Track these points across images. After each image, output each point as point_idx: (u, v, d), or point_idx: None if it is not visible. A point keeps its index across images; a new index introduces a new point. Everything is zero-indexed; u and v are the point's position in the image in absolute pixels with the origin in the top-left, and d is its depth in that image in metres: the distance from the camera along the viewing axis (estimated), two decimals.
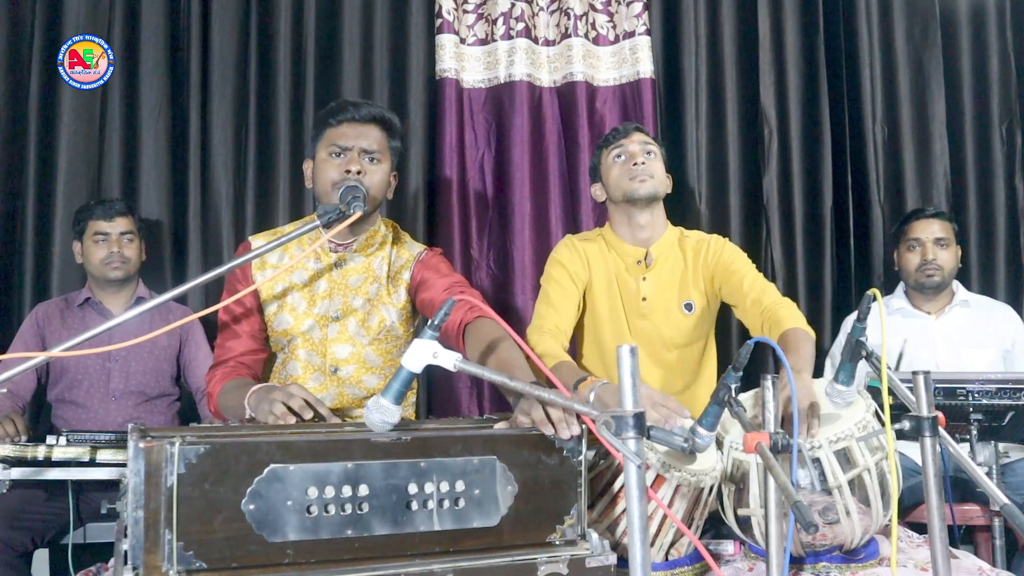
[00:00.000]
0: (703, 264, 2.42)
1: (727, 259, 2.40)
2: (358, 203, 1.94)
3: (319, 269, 2.14)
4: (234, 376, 2.04)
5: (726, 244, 2.45)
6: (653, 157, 2.42)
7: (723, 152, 3.33)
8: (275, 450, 1.35)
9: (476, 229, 3.20)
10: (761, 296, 2.26)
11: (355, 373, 2.12)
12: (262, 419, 1.74)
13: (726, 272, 2.37)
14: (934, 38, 3.43)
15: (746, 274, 2.35)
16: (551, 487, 1.49)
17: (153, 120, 3.07)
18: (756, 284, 2.31)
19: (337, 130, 2.07)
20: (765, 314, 2.20)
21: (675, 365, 2.41)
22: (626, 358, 1.29)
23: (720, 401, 1.55)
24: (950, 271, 2.94)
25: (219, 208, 3.10)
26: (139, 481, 1.29)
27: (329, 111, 2.12)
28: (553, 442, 1.49)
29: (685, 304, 2.41)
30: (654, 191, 2.39)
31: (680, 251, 2.45)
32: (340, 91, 3.13)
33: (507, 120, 3.21)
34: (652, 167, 2.40)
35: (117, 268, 2.81)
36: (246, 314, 2.12)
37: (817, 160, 3.36)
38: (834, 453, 1.70)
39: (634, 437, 1.25)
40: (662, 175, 2.43)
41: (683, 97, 3.31)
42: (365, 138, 2.07)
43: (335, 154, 2.06)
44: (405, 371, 1.44)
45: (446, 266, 2.19)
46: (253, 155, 3.11)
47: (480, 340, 1.85)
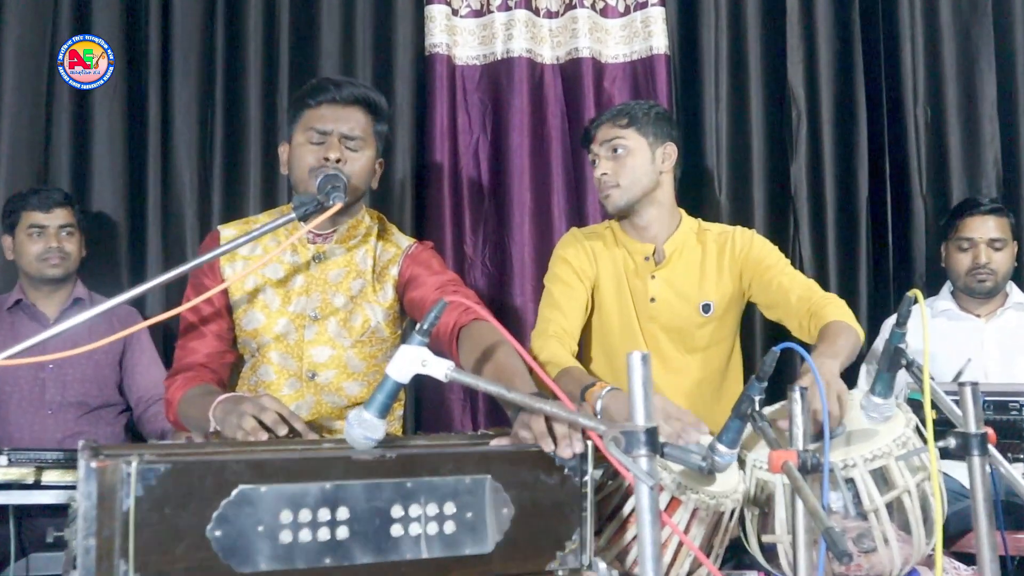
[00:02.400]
0: (729, 259, 2.42)
1: (758, 253, 2.40)
2: (338, 193, 1.94)
3: (296, 263, 2.14)
4: (197, 382, 2.04)
5: (755, 236, 2.45)
6: (622, 154, 2.38)
7: (746, 137, 3.32)
8: (245, 469, 1.34)
9: (470, 223, 3.20)
10: (806, 293, 2.26)
11: (335, 379, 2.12)
12: (229, 434, 1.74)
13: (758, 268, 2.37)
14: (984, 8, 3.43)
15: (783, 269, 2.35)
16: (552, 510, 1.49)
17: (107, 99, 3.06)
18: (798, 279, 2.32)
19: (316, 112, 2.08)
20: (811, 311, 2.20)
21: (692, 374, 2.42)
22: (637, 366, 1.29)
23: (742, 415, 1.55)
24: (1004, 274, 2.93)
25: (181, 199, 3.10)
26: (91, 505, 1.28)
27: (307, 90, 2.12)
28: (553, 459, 1.48)
29: (702, 305, 2.41)
30: (624, 203, 2.38)
31: (699, 245, 2.45)
32: (318, 68, 3.13)
33: (505, 101, 3.21)
34: (618, 172, 2.38)
35: (56, 265, 2.80)
36: (214, 313, 2.12)
37: (851, 146, 3.36)
38: (870, 473, 1.70)
39: (646, 455, 1.25)
40: (637, 171, 2.38)
41: (701, 76, 3.31)
42: (347, 121, 2.07)
43: (313, 139, 2.06)
44: (391, 381, 1.44)
45: (438, 262, 2.20)
46: (220, 139, 3.11)
47: (475, 346, 1.85)
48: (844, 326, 2.08)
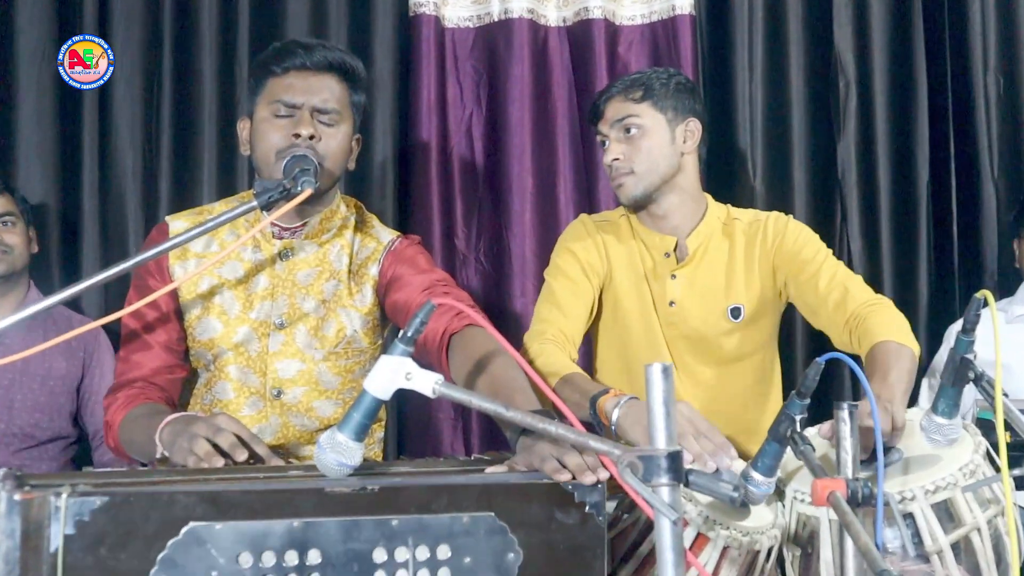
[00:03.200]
0: (760, 252, 2.40)
1: (792, 243, 2.37)
2: (308, 178, 1.93)
3: (258, 261, 2.14)
4: (141, 401, 2.04)
5: (790, 223, 2.43)
6: (636, 133, 2.37)
7: (785, 111, 3.32)
8: (196, 503, 1.34)
9: (462, 212, 3.20)
10: (845, 297, 2.22)
11: (304, 398, 2.12)
12: (179, 461, 1.73)
13: (793, 262, 2.35)
14: None
15: (822, 264, 2.32)
16: (569, 555, 1.47)
17: (34, 69, 3.06)
18: (837, 279, 2.28)
19: (283, 81, 2.08)
20: (852, 322, 2.16)
21: (721, 390, 2.41)
22: (657, 380, 1.29)
23: (781, 437, 1.54)
24: None
25: (123, 185, 3.09)
26: (13, 545, 1.28)
27: (272, 55, 2.12)
28: (572, 494, 1.47)
29: (731, 308, 2.40)
30: (640, 191, 2.38)
31: (726, 238, 2.44)
32: (283, 32, 3.13)
33: (502, 69, 3.21)
34: (632, 156, 2.37)
35: None
36: (160, 318, 2.12)
37: (909, 121, 3.36)
38: (932, 507, 1.71)
39: (668, 484, 1.25)
40: (654, 153, 2.37)
41: (732, 39, 3.31)
42: (319, 92, 2.07)
43: (280, 112, 2.06)
44: (369, 398, 1.44)
45: (425, 259, 2.20)
46: (168, 115, 3.10)
47: (468, 356, 1.85)
48: (894, 348, 2.02)
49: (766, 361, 2.47)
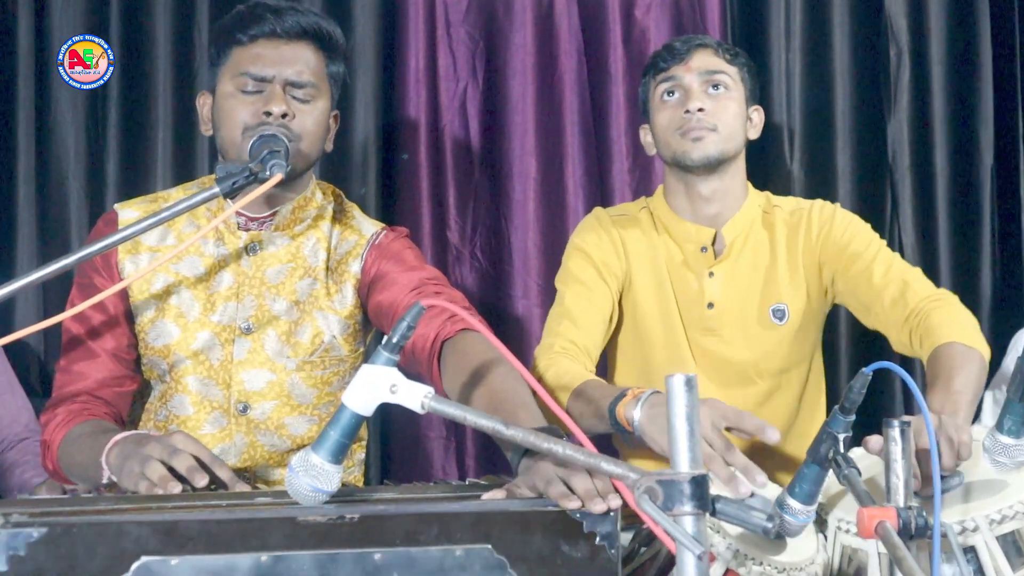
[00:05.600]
0: (804, 246, 2.43)
1: (841, 234, 2.40)
2: (278, 161, 1.94)
3: (221, 256, 2.14)
4: (85, 417, 2.03)
5: (836, 212, 2.46)
6: (723, 93, 2.42)
7: (827, 85, 3.33)
8: (149, 535, 1.34)
9: (455, 200, 3.21)
10: (904, 293, 2.25)
11: (274, 413, 2.13)
12: (129, 487, 1.73)
13: (842, 255, 2.38)
14: None
15: (875, 256, 2.35)
16: None
17: None
18: (894, 271, 2.31)
19: (250, 51, 2.08)
20: (913, 320, 2.19)
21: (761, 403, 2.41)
22: (679, 393, 1.28)
23: (822, 459, 1.54)
24: None
25: (64, 167, 3.11)
26: None
27: (236, 20, 2.13)
28: (580, 524, 1.47)
29: (773, 310, 2.41)
30: (718, 153, 2.39)
31: (767, 229, 2.46)
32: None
33: (501, 37, 3.22)
34: (717, 112, 2.40)
35: None
36: (107, 322, 2.12)
37: (971, 96, 3.36)
38: (998, 539, 1.70)
39: (692, 512, 1.25)
40: (736, 120, 2.43)
41: (767, 2, 3.31)
42: (292, 63, 2.08)
43: (248, 87, 2.07)
44: (349, 413, 1.44)
45: (414, 254, 2.21)
46: (117, 87, 3.11)
47: (463, 365, 1.86)
48: (960, 352, 2.05)
49: (807, 371, 2.49)
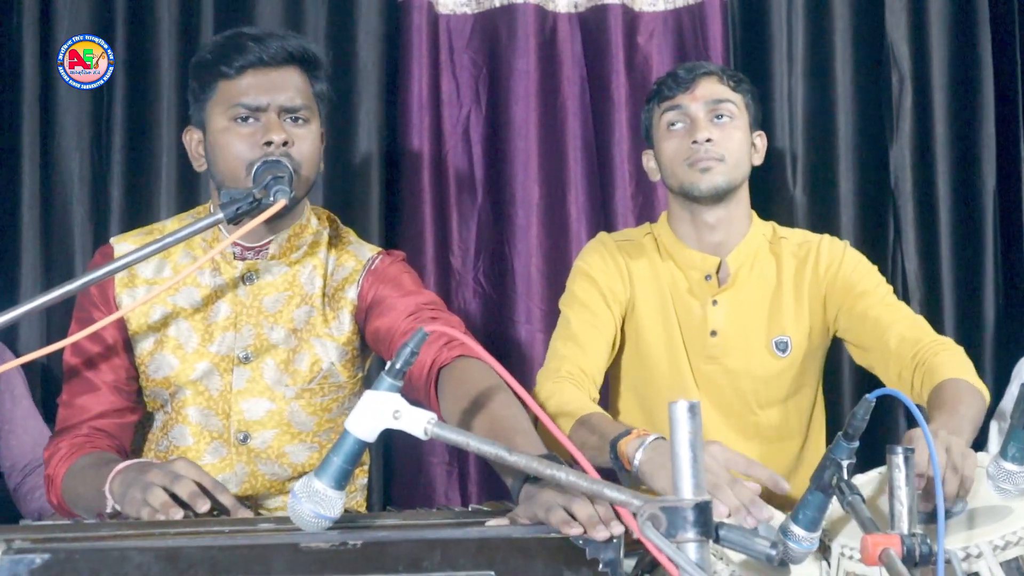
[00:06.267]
0: (811, 280, 2.44)
1: (851, 272, 2.42)
2: (282, 187, 1.94)
3: (218, 286, 2.14)
4: (88, 450, 2.03)
5: (846, 251, 2.48)
6: (728, 122, 2.42)
7: (829, 111, 3.33)
8: (152, 561, 1.33)
9: (457, 225, 3.22)
10: (915, 333, 2.28)
11: (275, 442, 2.13)
12: (132, 514, 1.73)
13: (848, 294, 2.40)
14: None
15: (882, 298, 2.38)
16: None
17: None
18: (901, 314, 2.35)
19: (238, 83, 2.07)
20: (920, 357, 2.22)
21: (762, 433, 2.43)
22: (683, 420, 1.29)
23: (825, 486, 1.54)
24: None
25: (67, 192, 3.11)
26: None
27: (218, 52, 2.11)
28: (583, 550, 1.47)
29: (776, 341, 2.42)
30: (726, 183, 2.40)
31: (773, 259, 2.47)
32: (252, 15, 3.15)
33: (505, 63, 3.23)
34: (724, 142, 2.40)
35: None
36: (105, 355, 2.12)
37: (973, 122, 3.36)
38: (1002, 565, 1.69)
39: (696, 539, 1.25)
40: (742, 149, 2.43)
41: (769, 28, 3.32)
42: (284, 89, 2.08)
43: (242, 118, 2.06)
44: (352, 439, 1.44)
45: (411, 279, 2.21)
46: (120, 110, 3.12)
47: (462, 392, 1.85)
48: (964, 387, 2.09)
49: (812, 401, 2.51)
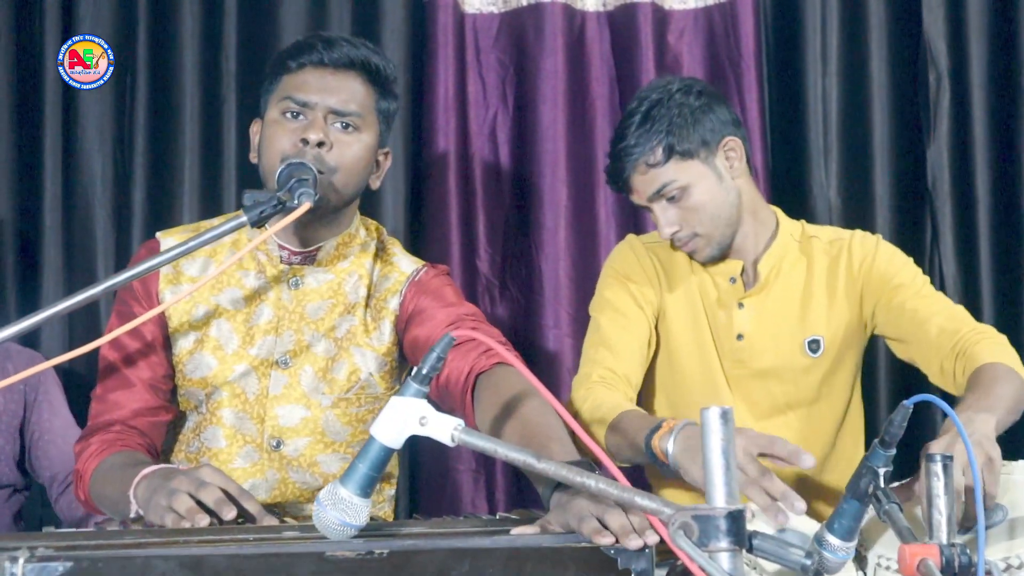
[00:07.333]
0: (845, 277, 2.43)
1: (886, 265, 2.41)
2: (306, 189, 1.93)
3: (261, 287, 2.15)
4: (119, 447, 2.04)
5: (880, 244, 2.46)
6: (681, 197, 2.33)
7: (864, 109, 3.32)
8: (176, 569, 1.34)
9: (485, 230, 3.22)
10: (955, 323, 2.27)
11: (307, 450, 2.13)
12: (156, 520, 1.74)
13: (884, 288, 2.39)
14: None
15: (919, 290, 2.37)
16: None
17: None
18: (939, 304, 2.34)
19: (296, 77, 2.10)
20: (960, 346, 2.21)
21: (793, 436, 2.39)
22: (714, 426, 1.29)
23: (862, 494, 1.53)
24: None
25: (90, 194, 3.12)
26: None
27: (290, 48, 2.16)
28: (614, 560, 1.47)
29: (808, 341, 2.41)
30: (719, 248, 2.40)
31: (803, 257, 2.46)
32: (276, 21, 3.16)
33: (532, 63, 3.23)
34: (690, 219, 2.34)
35: None
36: (144, 351, 2.13)
37: (1013, 120, 3.34)
38: None
39: (728, 549, 1.26)
40: (714, 204, 2.35)
41: (802, 25, 3.31)
42: (337, 92, 2.09)
43: (291, 112, 2.08)
44: (378, 446, 1.45)
45: (453, 291, 2.22)
46: (142, 114, 3.13)
47: (496, 398, 1.86)
48: (1004, 370, 2.09)
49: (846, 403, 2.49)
